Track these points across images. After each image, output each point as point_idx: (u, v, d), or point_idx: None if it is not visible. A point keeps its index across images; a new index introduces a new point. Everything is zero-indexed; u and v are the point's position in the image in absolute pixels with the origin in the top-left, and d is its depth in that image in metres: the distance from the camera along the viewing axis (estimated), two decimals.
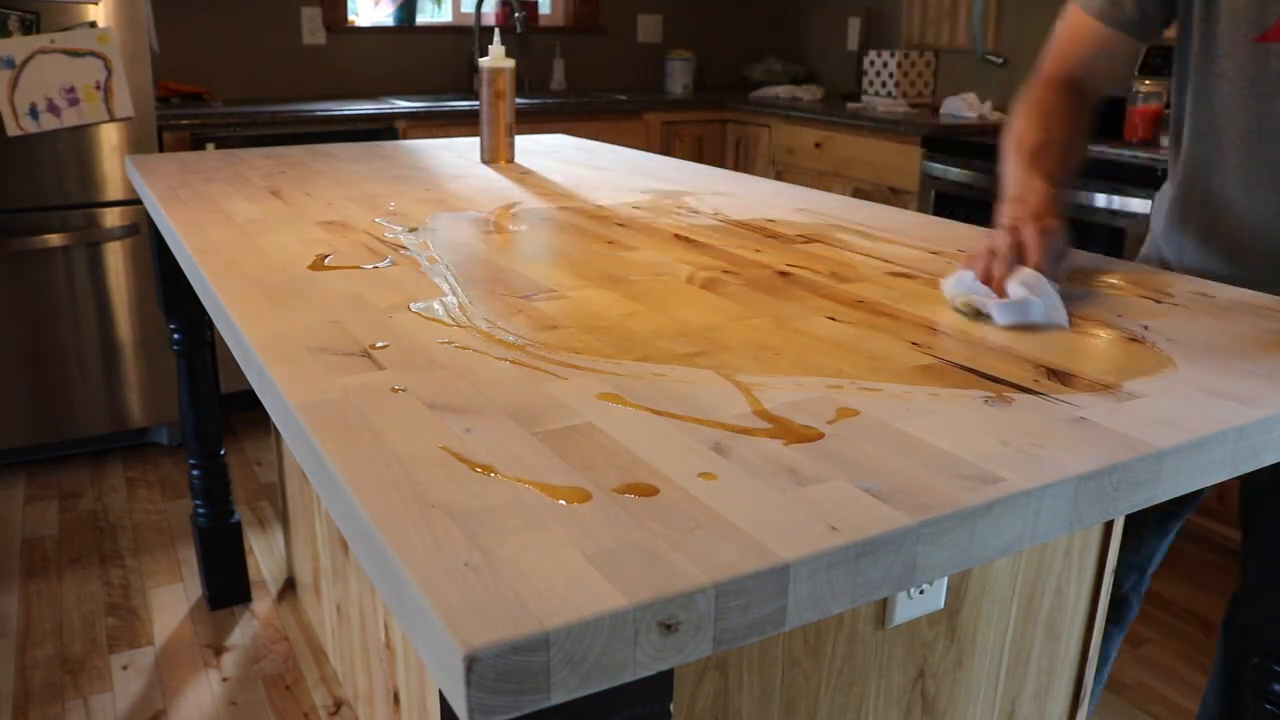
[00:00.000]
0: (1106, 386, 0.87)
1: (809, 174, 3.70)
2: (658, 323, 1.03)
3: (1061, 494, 0.70)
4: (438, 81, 4.08)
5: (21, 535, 2.64)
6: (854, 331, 1.01)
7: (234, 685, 2.05)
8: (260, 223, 1.48)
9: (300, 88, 3.83)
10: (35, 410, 2.94)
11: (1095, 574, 1.37)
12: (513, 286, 1.16)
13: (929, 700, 1.26)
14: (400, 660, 1.54)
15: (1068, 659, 1.40)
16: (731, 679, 1.09)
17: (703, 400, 0.82)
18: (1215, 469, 0.79)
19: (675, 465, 0.70)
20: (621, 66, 4.45)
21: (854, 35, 4.34)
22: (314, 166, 2.01)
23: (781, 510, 0.64)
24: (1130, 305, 1.13)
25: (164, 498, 2.86)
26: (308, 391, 0.83)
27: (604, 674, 0.54)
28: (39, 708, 1.97)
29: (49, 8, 2.70)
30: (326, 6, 3.79)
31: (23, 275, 2.85)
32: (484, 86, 2.05)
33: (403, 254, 1.30)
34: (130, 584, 2.42)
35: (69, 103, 2.73)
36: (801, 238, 1.44)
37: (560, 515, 0.63)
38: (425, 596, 0.55)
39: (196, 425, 2.18)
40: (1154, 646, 2.22)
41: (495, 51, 2.03)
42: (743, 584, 0.57)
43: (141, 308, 3.02)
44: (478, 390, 0.84)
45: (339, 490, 0.68)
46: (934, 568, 0.65)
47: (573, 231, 1.46)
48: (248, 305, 1.07)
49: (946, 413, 0.81)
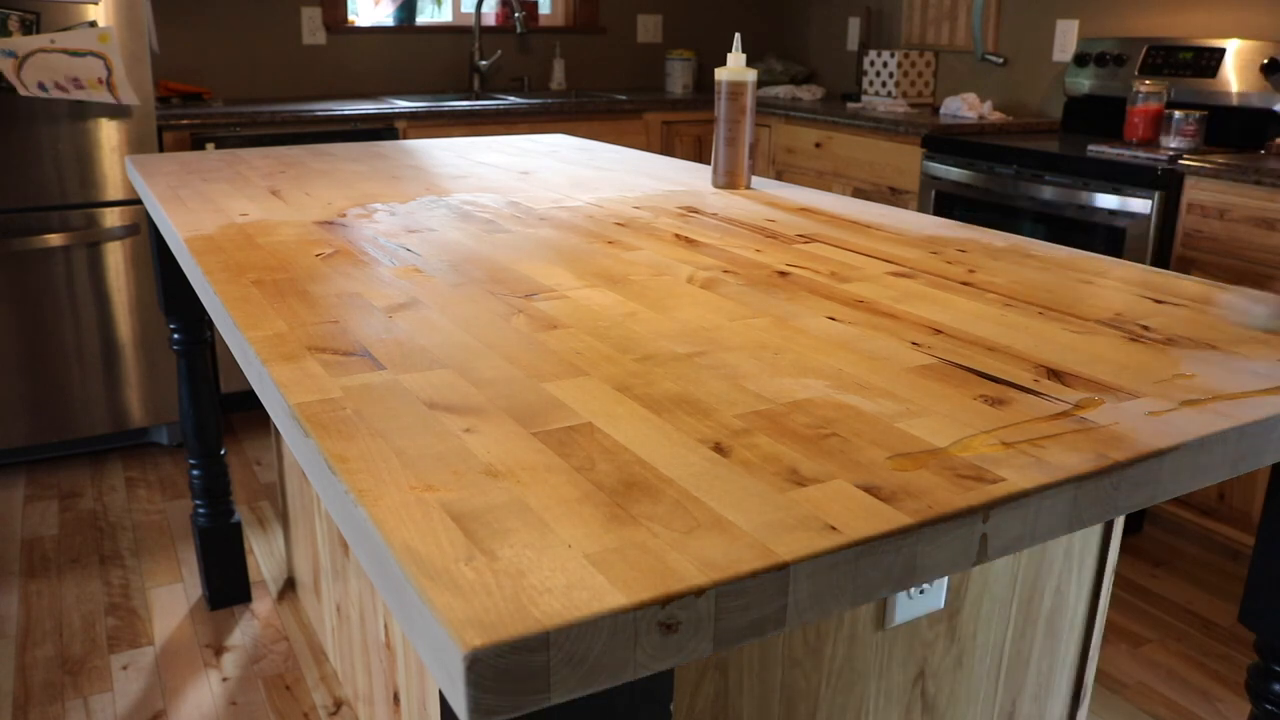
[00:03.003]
0: (1106, 386, 0.87)
1: (809, 174, 3.70)
2: (658, 323, 1.03)
3: (1061, 494, 0.70)
4: (438, 81, 4.08)
5: (21, 535, 2.64)
6: (854, 331, 1.01)
7: (234, 685, 2.05)
8: (260, 223, 1.48)
9: (300, 88, 3.83)
10: (35, 410, 2.94)
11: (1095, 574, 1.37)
12: (513, 286, 1.16)
13: (929, 700, 1.26)
14: (400, 660, 1.54)
15: (1068, 659, 1.40)
16: (731, 679, 1.09)
17: (703, 400, 0.82)
18: (1215, 469, 0.79)
19: (675, 465, 0.70)
20: (621, 66, 4.45)
21: (854, 35, 4.34)
22: (314, 166, 2.01)
23: (782, 510, 0.64)
24: (1130, 305, 1.13)
25: (164, 498, 2.86)
26: (308, 391, 0.83)
27: (604, 674, 0.54)
28: (39, 708, 1.97)
29: (49, 8, 2.70)
30: (326, 6, 3.79)
31: (23, 275, 2.85)
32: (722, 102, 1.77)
33: (402, 254, 1.30)
34: (130, 584, 2.42)
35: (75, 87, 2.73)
36: (801, 238, 1.44)
37: (560, 515, 0.63)
38: (425, 596, 0.55)
39: (196, 425, 2.18)
40: (1154, 646, 2.22)
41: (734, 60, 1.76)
42: (743, 584, 0.57)
43: (141, 308, 3.02)
44: (478, 390, 0.84)
45: (339, 491, 0.68)
46: (934, 568, 0.65)
47: (573, 231, 1.46)
48: (248, 305, 1.07)
49: (946, 413, 0.81)
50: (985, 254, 1.36)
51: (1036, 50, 3.54)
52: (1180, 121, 2.72)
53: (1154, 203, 2.52)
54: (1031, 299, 1.14)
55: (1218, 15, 3.00)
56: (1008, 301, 1.13)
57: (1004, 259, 1.34)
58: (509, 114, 3.55)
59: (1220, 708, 2.01)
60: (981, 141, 3.00)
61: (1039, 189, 2.80)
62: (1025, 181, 2.83)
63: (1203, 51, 2.94)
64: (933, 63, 3.91)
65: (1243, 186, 2.39)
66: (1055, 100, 3.47)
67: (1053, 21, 3.46)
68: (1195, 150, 2.68)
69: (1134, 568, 2.54)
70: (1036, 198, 2.81)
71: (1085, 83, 3.24)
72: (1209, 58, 2.92)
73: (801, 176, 3.72)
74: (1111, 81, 3.16)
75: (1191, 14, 3.07)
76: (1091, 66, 3.21)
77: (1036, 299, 1.14)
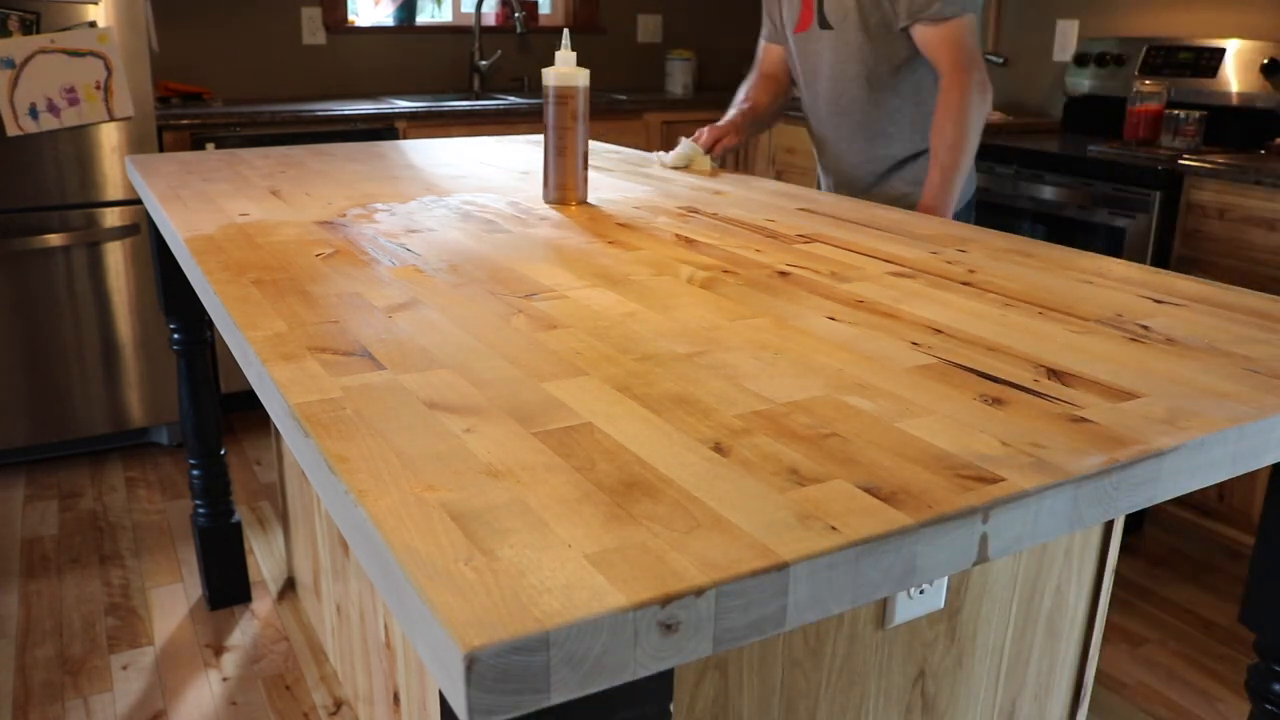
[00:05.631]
0: (1106, 386, 0.87)
1: (809, 174, 3.70)
2: (658, 323, 1.03)
3: (1061, 494, 0.70)
4: (438, 81, 4.08)
5: (21, 535, 2.64)
6: (854, 331, 1.01)
7: (234, 685, 2.05)
8: (260, 223, 1.48)
9: (300, 88, 3.83)
10: (35, 410, 2.94)
11: (1095, 574, 1.37)
12: (513, 286, 1.16)
13: (929, 700, 1.26)
14: (400, 660, 1.54)
15: (1068, 659, 1.40)
16: (731, 679, 1.09)
17: (703, 400, 0.82)
18: (1215, 469, 0.79)
19: (675, 465, 0.70)
20: (621, 66, 4.45)
21: None
22: (314, 166, 2.01)
23: (782, 510, 0.64)
24: (1130, 305, 1.13)
25: (164, 498, 2.86)
26: (308, 391, 0.83)
27: (604, 674, 0.54)
28: (39, 708, 1.97)
29: (49, 8, 2.70)
30: (326, 6, 3.79)
31: (23, 275, 2.85)
32: (550, 107, 1.60)
33: (402, 254, 1.30)
34: (130, 584, 2.42)
35: (69, 103, 2.73)
36: (801, 238, 1.44)
37: (560, 515, 0.63)
38: (425, 596, 0.55)
39: (196, 425, 2.18)
40: (1154, 646, 2.22)
41: (564, 59, 1.58)
42: (743, 584, 0.57)
43: (141, 308, 3.02)
44: (478, 390, 0.84)
45: (339, 491, 0.68)
46: (934, 568, 0.65)
47: (573, 231, 1.46)
48: (248, 305, 1.07)
49: (946, 413, 0.81)
50: (985, 254, 1.36)
51: (1036, 50, 3.54)
52: (1180, 121, 2.72)
53: (1154, 203, 2.52)
54: (1031, 299, 1.14)
55: (1218, 15, 3.00)
56: (1008, 301, 1.13)
57: (1004, 259, 1.34)
58: (509, 114, 3.55)
59: (1220, 708, 2.01)
60: (981, 141, 3.00)
61: (1039, 189, 2.80)
62: (1025, 181, 2.83)
63: (1203, 51, 2.94)
64: None
65: (1243, 186, 2.39)
66: (1055, 100, 3.47)
67: (1053, 21, 3.46)
68: (1195, 150, 2.68)
69: (1134, 568, 2.54)
70: (1036, 198, 2.81)
71: (1085, 83, 3.24)
72: (1209, 58, 2.92)
73: (801, 176, 3.72)
74: (1111, 81, 3.16)
75: (1191, 14, 3.07)
76: (1092, 66, 3.21)
77: (1036, 299, 1.14)
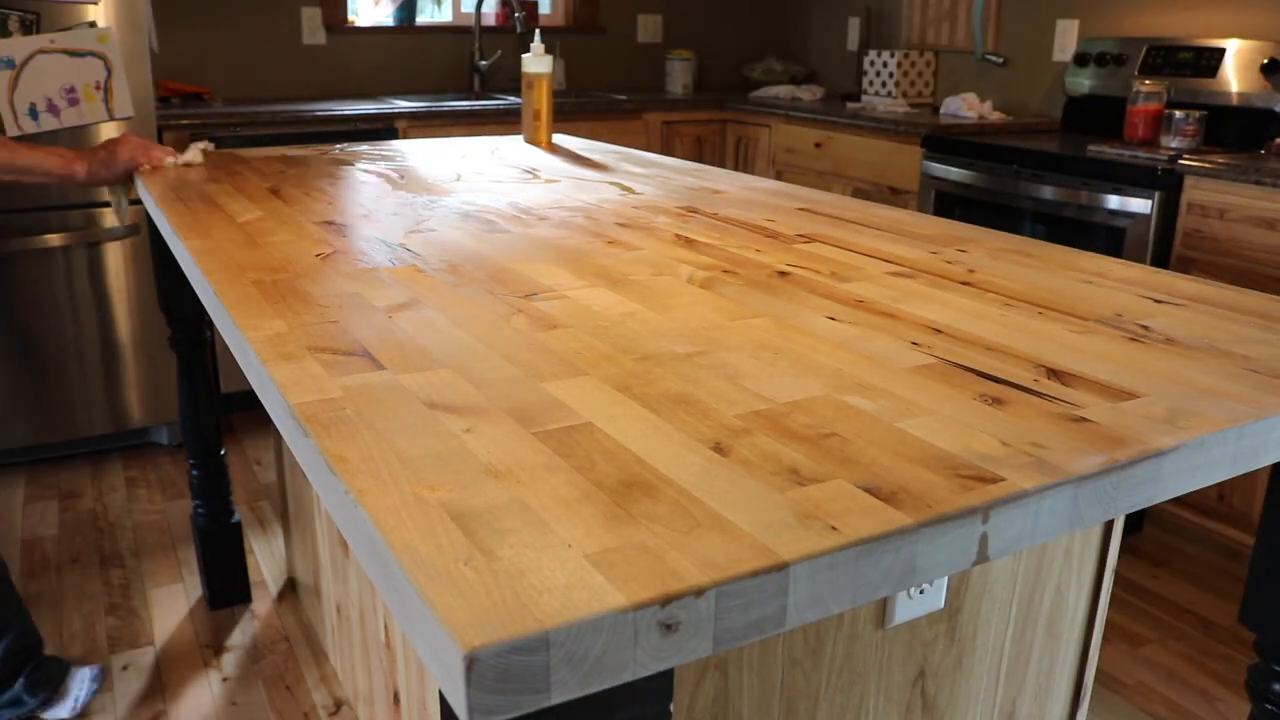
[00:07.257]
0: (1106, 386, 0.87)
1: (809, 174, 3.70)
2: (657, 323, 1.03)
3: (1061, 494, 0.70)
4: (438, 81, 4.08)
5: (21, 535, 2.64)
6: (854, 331, 1.01)
7: (234, 685, 2.05)
8: (260, 223, 1.48)
9: (300, 87, 3.83)
10: (35, 410, 2.94)
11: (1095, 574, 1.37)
12: (513, 286, 1.16)
13: (929, 700, 1.26)
14: (400, 660, 1.54)
15: (1068, 659, 1.40)
16: (731, 679, 1.09)
17: (702, 400, 0.82)
18: (1215, 469, 0.79)
19: (675, 465, 0.70)
20: (621, 66, 4.45)
21: (854, 35, 4.34)
22: (314, 166, 2.01)
23: (782, 510, 0.64)
24: (1130, 305, 1.13)
25: (164, 498, 2.86)
26: (307, 391, 0.83)
27: (604, 674, 0.54)
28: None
29: (49, 8, 2.70)
30: (326, 6, 3.79)
31: (23, 275, 2.85)
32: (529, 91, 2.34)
33: (402, 254, 1.30)
34: (130, 584, 2.42)
35: (69, 103, 2.73)
36: (801, 238, 1.44)
37: (560, 515, 0.63)
38: (425, 596, 0.55)
39: (196, 425, 2.18)
40: (1154, 646, 2.22)
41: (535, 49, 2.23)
42: (743, 584, 0.57)
43: (141, 308, 3.02)
44: (478, 390, 0.84)
45: (339, 491, 0.68)
46: (934, 568, 0.65)
47: (573, 231, 1.46)
48: (248, 305, 1.07)
49: (946, 413, 0.81)
50: (985, 254, 1.36)
51: (1036, 50, 3.54)
52: (1180, 121, 2.72)
53: (1154, 203, 2.52)
54: (1031, 299, 1.14)
55: (1218, 15, 3.00)
56: (1008, 301, 1.13)
57: (1004, 259, 1.34)
58: (509, 114, 3.55)
59: (1220, 708, 2.01)
60: (981, 141, 3.00)
61: (1039, 189, 2.80)
62: (1025, 181, 2.83)
63: (1203, 51, 2.94)
64: (933, 63, 3.91)
65: (1243, 186, 2.39)
66: (1055, 100, 3.47)
67: (1053, 21, 3.46)
68: (1195, 150, 2.68)
69: (1134, 568, 2.54)
70: (1036, 198, 2.81)
71: (1085, 83, 3.24)
72: (1209, 58, 2.92)
73: (801, 176, 3.72)
74: (1111, 81, 3.16)
75: (1191, 14, 3.07)
76: (1091, 66, 3.21)
77: (1036, 299, 1.14)
